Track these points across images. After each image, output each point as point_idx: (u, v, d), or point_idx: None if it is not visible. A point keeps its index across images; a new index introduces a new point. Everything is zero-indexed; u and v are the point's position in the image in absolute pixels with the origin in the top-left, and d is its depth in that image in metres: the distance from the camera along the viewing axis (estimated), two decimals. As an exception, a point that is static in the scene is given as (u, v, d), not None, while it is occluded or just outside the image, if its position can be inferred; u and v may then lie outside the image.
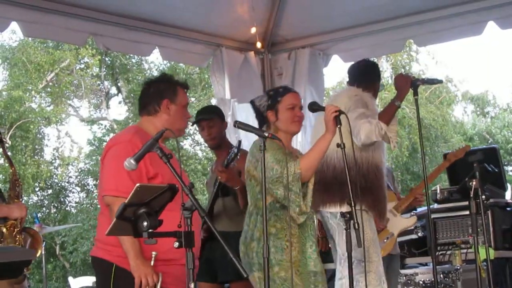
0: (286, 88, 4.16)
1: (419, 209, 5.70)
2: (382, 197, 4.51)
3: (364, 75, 4.70)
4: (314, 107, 4.04)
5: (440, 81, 5.00)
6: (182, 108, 3.68)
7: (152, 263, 3.21)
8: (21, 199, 3.78)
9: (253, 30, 6.27)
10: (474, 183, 4.12)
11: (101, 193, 3.53)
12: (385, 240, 4.81)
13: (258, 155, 3.75)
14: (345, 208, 3.86)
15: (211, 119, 5.02)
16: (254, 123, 4.10)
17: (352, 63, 5.02)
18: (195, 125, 5.21)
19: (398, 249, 4.94)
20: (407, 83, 4.53)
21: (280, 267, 3.80)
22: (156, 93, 3.70)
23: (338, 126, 3.75)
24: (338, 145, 3.72)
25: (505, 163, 22.93)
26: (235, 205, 4.82)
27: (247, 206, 4.07)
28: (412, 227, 5.53)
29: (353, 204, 3.60)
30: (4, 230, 3.58)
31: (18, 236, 3.60)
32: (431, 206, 5.08)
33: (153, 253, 3.15)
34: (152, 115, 3.70)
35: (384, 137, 4.33)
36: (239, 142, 4.78)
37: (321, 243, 4.85)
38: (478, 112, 26.66)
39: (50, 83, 20.43)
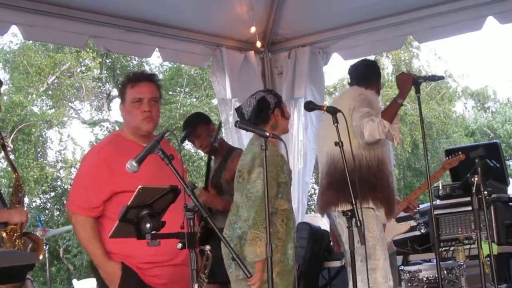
0: None
1: (422, 206, 5.70)
2: (391, 193, 4.51)
3: (365, 75, 4.69)
4: (310, 106, 4.11)
5: (442, 78, 4.99)
6: (130, 105, 3.62)
7: None
8: (23, 205, 3.76)
9: (253, 29, 6.28)
10: (476, 178, 4.11)
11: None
12: None
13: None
14: (349, 207, 3.87)
15: (196, 128, 4.94)
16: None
17: (352, 62, 5.01)
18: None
19: (394, 247, 4.95)
20: (409, 81, 4.51)
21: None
22: None
23: (335, 124, 3.75)
24: (336, 144, 3.72)
25: (507, 158, 22.91)
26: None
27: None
28: (415, 224, 5.53)
29: (354, 202, 3.60)
30: (4, 234, 3.57)
31: (17, 241, 3.59)
32: (433, 203, 5.08)
33: None
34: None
35: (388, 134, 4.32)
36: (220, 123, 4.73)
37: (337, 245, 4.86)
38: (479, 107, 26.64)
39: (51, 86, 20.42)
